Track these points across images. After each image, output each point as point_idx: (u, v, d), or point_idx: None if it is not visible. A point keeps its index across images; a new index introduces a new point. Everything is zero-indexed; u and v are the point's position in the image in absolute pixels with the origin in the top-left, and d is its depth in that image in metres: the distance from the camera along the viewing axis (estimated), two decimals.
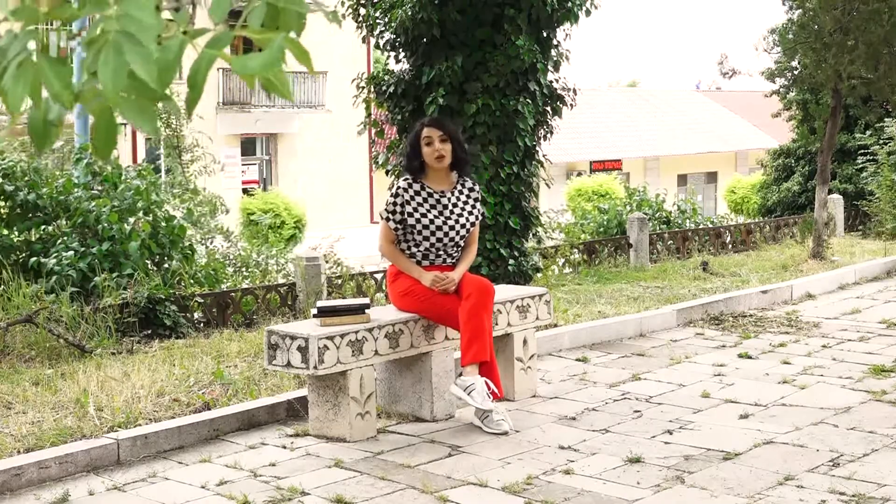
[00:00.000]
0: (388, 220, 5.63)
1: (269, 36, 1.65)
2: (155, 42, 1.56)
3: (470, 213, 5.75)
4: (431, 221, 5.61)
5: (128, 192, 9.00)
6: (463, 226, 5.68)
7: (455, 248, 5.71)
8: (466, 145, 5.95)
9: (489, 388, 5.31)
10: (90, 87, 1.60)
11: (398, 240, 5.67)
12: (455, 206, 5.71)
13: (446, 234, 5.63)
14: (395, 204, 5.62)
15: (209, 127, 26.43)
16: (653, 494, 4.38)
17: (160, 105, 1.63)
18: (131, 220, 8.85)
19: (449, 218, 5.65)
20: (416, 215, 5.61)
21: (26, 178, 8.87)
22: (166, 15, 1.64)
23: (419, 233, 5.61)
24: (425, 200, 5.65)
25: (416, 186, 5.67)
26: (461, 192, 5.77)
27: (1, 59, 1.59)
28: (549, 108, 10.02)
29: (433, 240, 5.62)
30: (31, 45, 1.60)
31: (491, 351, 5.45)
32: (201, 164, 20.60)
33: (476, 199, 5.82)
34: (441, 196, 5.69)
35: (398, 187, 5.68)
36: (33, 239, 8.74)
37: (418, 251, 5.65)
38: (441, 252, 5.66)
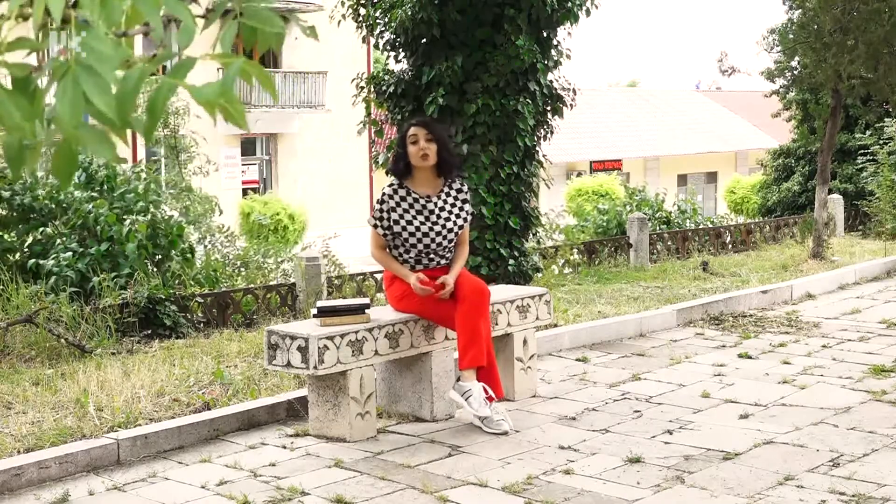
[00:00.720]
0: (375, 227, 5.62)
1: (229, 60, 1.66)
2: (113, 73, 1.56)
3: (457, 216, 5.69)
4: (417, 228, 5.57)
5: (128, 195, 9.00)
6: (450, 230, 5.65)
7: (446, 251, 5.68)
8: (458, 148, 5.91)
9: (486, 393, 5.30)
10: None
11: (389, 245, 5.65)
12: (442, 209, 5.66)
13: (433, 240, 5.59)
14: (381, 210, 5.60)
15: (209, 127, 26.43)
16: (653, 494, 4.38)
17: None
18: (129, 220, 8.85)
19: (435, 224, 5.61)
20: (402, 222, 5.57)
21: (23, 181, 8.88)
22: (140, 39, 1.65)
23: (406, 240, 5.58)
24: (411, 206, 5.61)
25: (402, 192, 5.63)
26: (447, 195, 5.71)
27: None
28: (549, 108, 10.02)
29: (420, 246, 5.59)
30: None
31: (490, 352, 5.44)
32: (197, 163, 20.60)
33: (464, 200, 5.76)
34: (427, 201, 5.64)
35: (383, 193, 5.64)
36: (32, 240, 8.74)
37: (409, 257, 5.63)
38: (433, 256, 5.64)
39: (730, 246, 13.53)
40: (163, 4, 1.61)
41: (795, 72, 12.90)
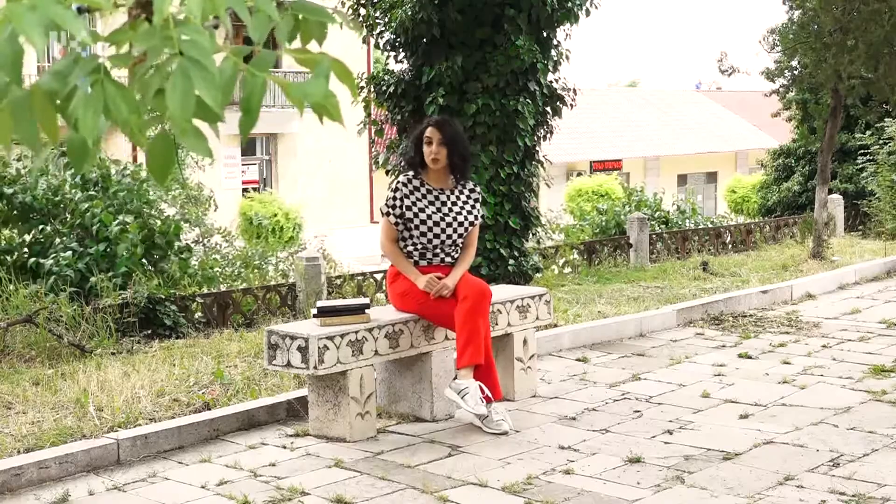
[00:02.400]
0: (388, 214, 5.62)
1: (313, 57, 1.63)
2: (215, 66, 1.54)
3: (469, 212, 5.73)
4: (429, 217, 5.59)
5: (120, 193, 8.99)
6: (461, 224, 5.66)
7: (453, 248, 5.69)
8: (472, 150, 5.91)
9: (483, 392, 5.30)
10: (152, 115, 1.58)
11: (399, 237, 5.66)
12: (454, 203, 5.69)
13: (444, 231, 5.61)
14: (394, 198, 5.61)
15: (207, 126, 26.37)
16: (653, 494, 4.38)
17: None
18: (118, 220, 8.82)
19: (447, 215, 5.63)
20: (415, 209, 5.59)
21: (21, 181, 8.88)
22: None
23: (417, 228, 5.59)
24: (424, 196, 5.64)
25: (416, 182, 5.66)
26: (461, 192, 5.76)
27: (61, 83, 1.55)
28: (549, 108, 10.02)
29: (430, 235, 5.60)
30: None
31: (489, 353, 5.43)
32: (192, 158, 20.53)
33: (476, 201, 5.80)
34: (440, 193, 5.68)
35: (398, 182, 5.67)
36: (31, 240, 8.74)
37: (416, 250, 5.64)
38: (439, 251, 5.64)
39: (730, 246, 13.53)
40: None
41: (795, 72, 12.89)
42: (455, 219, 5.65)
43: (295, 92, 1.61)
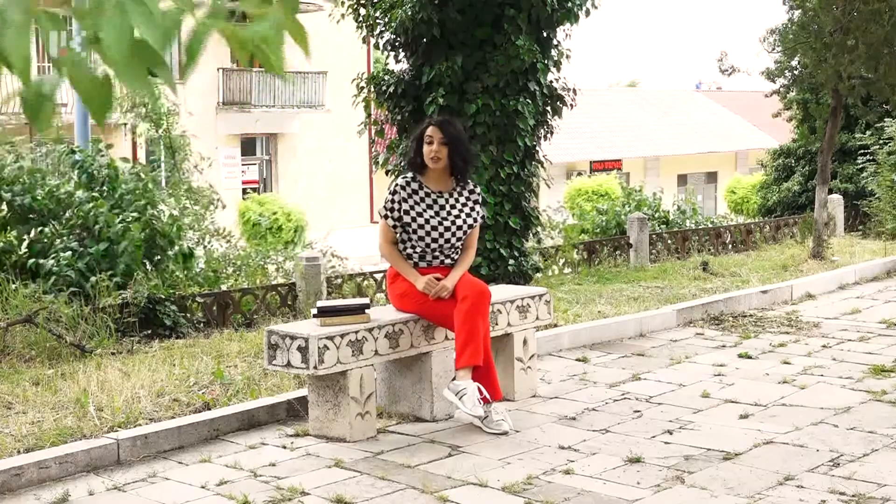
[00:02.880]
0: (386, 217, 5.62)
1: (265, 11, 1.63)
2: (158, 5, 1.53)
3: (468, 214, 5.71)
4: (427, 221, 5.58)
5: (126, 195, 9.00)
6: (460, 227, 5.66)
7: (452, 250, 5.68)
8: (474, 150, 5.90)
9: (481, 393, 5.30)
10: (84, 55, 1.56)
11: (397, 239, 5.66)
12: (453, 207, 5.68)
13: (442, 235, 5.60)
14: (392, 201, 5.61)
15: (209, 127, 26.45)
16: (653, 494, 4.38)
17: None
18: (120, 219, 8.83)
19: (445, 218, 5.62)
20: (413, 213, 5.59)
21: (21, 181, 8.88)
22: None
23: (415, 232, 5.59)
24: (422, 200, 5.63)
25: (415, 185, 5.65)
26: (460, 194, 5.74)
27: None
28: (549, 108, 10.02)
29: (428, 240, 5.59)
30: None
31: (488, 354, 5.43)
32: (192, 161, 20.58)
33: (476, 202, 5.79)
34: (438, 196, 5.67)
35: (396, 184, 5.66)
36: (31, 240, 8.73)
37: (415, 252, 5.63)
38: (438, 253, 5.64)
39: (730, 246, 13.53)
40: None
41: (795, 72, 12.90)
42: (454, 222, 5.64)
43: (234, 35, 1.61)
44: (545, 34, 9.80)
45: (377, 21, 9.96)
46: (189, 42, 1.61)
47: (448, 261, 5.67)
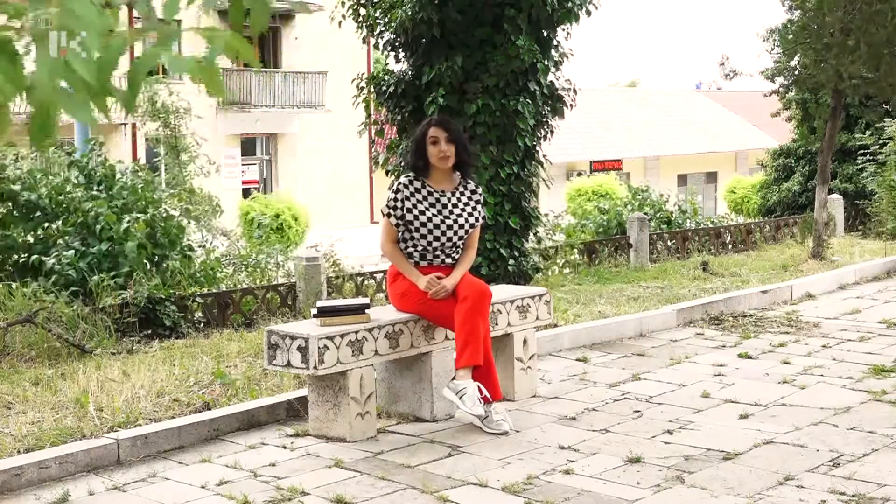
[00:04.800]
0: (388, 216, 5.62)
1: (213, 34, 1.66)
2: (96, 39, 1.54)
3: (470, 214, 5.71)
4: (429, 220, 5.59)
5: (124, 192, 8.99)
6: (462, 226, 5.66)
7: (454, 249, 5.69)
8: (473, 146, 5.92)
9: (481, 392, 5.30)
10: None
11: (399, 238, 5.66)
12: (455, 206, 5.68)
13: (444, 234, 5.61)
14: (395, 200, 5.61)
15: (209, 127, 26.42)
16: (653, 494, 4.38)
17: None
18: (126, 219, 8.84)
19: (448, 217, 5.62)
20: (415, 212, 5.59)
21: (22, 180, 8.88)
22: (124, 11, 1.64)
23: (417, 230, 5.59)
24: (425, 198, 5.63)
25: (417, 184, 5.65)
26: (462, 194, 5.74)
27: None
28: (549, 108, 10.02)
29: (430, 238, 5.59)
30: None
31: (488, 354, 5.43)
32: (198, 164, 20.58)
33: (478, 202, 5.79)
34: (441, 195, 5.67)
35: (399, 183, 5.66)
36: (33, 239, 8.74)
37: (416, 251, 5.64)
38: (439, 252, 5.64)
39: (730, 246, 13.53)
40: None
41: (795, 72, 12.90)
42: (456, 221, 5.64)
43: (173, 66, 1.65)
44: (545, 34, 9.81)
45: (377, 21, 9.97)
46: (131, 71, 1.64)
47: (449, 260, 5.67)
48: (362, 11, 10.10)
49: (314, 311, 5.41)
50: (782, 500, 4.26)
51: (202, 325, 8.32)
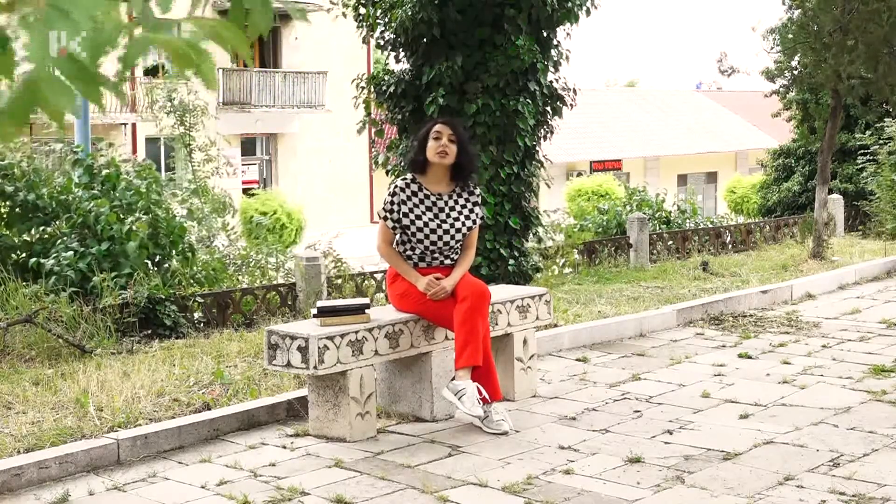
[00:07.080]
0: (385, 219, 5.61)
1: (205, 22, 1.67)
2: (88, 20, 1.52)
3: (467, 216, 5.70)
4: (426, 224, 5.58)
5: (127, 192, 8.99)
6: (458, 230, 5.65)
7: (451, 251, 5.68)
8: (476, 156, 5.90)
9: (480, 393, 5.30)
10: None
11: (396, 240, 5.65)
12: (452, 209, 5.67)
13: (440, 238, 5.60)
14: (391, 203, 5.61)
15: (209, 126, 26.39)
16: (653, 494, 4.38)
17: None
18: (130, 220, 8.84)
19: (444, 221, 5.61)
20: (412, 216, 5.58)
21: (25, 179, 8.87)
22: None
23: (414, 234, 5.59)
24: (421, 202, 5.62)
25: (414, 187, 5.65)
26: (459, 196, 5.73)
27: None
28: (549, 108, 10.02)
29: (427, 242, 5.59)
30: None
31: (488, 354, 5.42)
32: (214, 164, 20.47)
33: (475, 203, 5.78)
34: (437, 198, 5.66)
35: (395, 186, 5.66)
36: (33, 239, 8.73)
37: (414, 253, 5.63)
38: (437, 254, 5.64)
39: (730, 246, 13.53)
40: None
41: (795, 72, 12.90)
42: (452, 224, 5.63)
43: (168, 45, 1.64)
44: (545, 34, 9.81)
45: (377, 21, 9.97)
46: (124, 53, 1.62)
47: (448, 261, 5.67)
48: (362, 11, 10.09)
49: (314, 311, 5.41)
50: (782, 500, 4.26)
51: (202, 325, 8.32)
